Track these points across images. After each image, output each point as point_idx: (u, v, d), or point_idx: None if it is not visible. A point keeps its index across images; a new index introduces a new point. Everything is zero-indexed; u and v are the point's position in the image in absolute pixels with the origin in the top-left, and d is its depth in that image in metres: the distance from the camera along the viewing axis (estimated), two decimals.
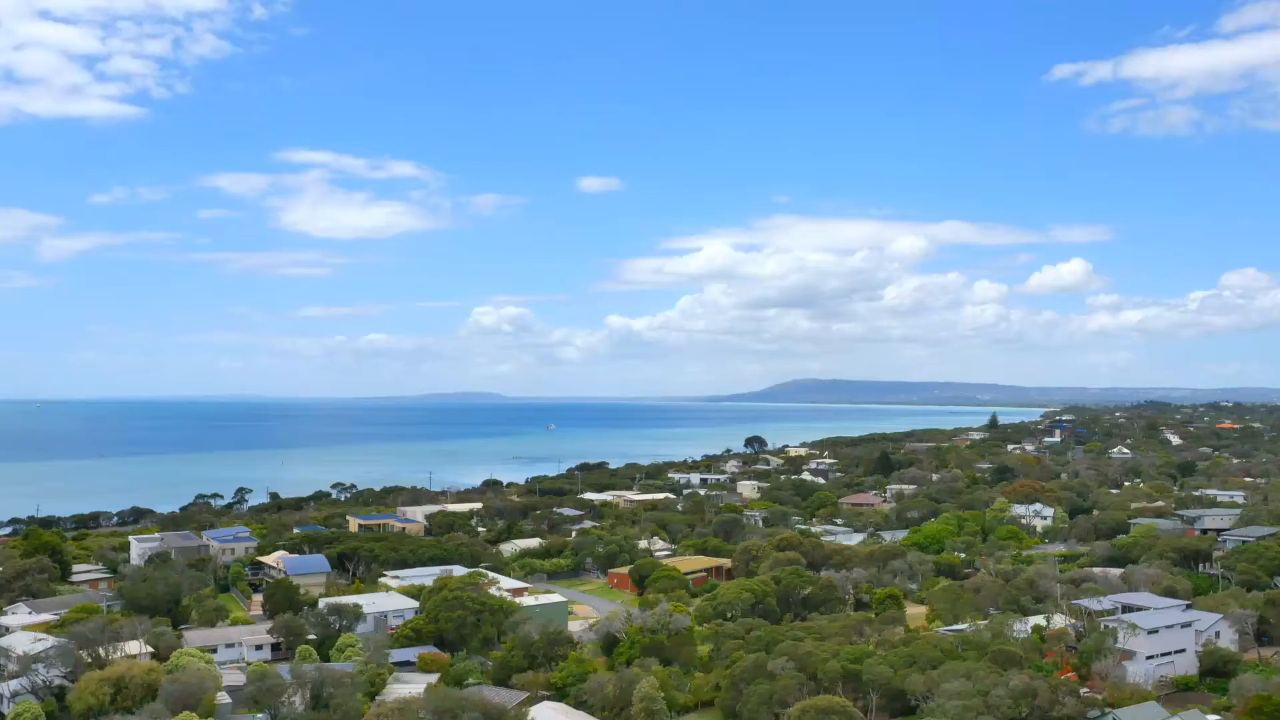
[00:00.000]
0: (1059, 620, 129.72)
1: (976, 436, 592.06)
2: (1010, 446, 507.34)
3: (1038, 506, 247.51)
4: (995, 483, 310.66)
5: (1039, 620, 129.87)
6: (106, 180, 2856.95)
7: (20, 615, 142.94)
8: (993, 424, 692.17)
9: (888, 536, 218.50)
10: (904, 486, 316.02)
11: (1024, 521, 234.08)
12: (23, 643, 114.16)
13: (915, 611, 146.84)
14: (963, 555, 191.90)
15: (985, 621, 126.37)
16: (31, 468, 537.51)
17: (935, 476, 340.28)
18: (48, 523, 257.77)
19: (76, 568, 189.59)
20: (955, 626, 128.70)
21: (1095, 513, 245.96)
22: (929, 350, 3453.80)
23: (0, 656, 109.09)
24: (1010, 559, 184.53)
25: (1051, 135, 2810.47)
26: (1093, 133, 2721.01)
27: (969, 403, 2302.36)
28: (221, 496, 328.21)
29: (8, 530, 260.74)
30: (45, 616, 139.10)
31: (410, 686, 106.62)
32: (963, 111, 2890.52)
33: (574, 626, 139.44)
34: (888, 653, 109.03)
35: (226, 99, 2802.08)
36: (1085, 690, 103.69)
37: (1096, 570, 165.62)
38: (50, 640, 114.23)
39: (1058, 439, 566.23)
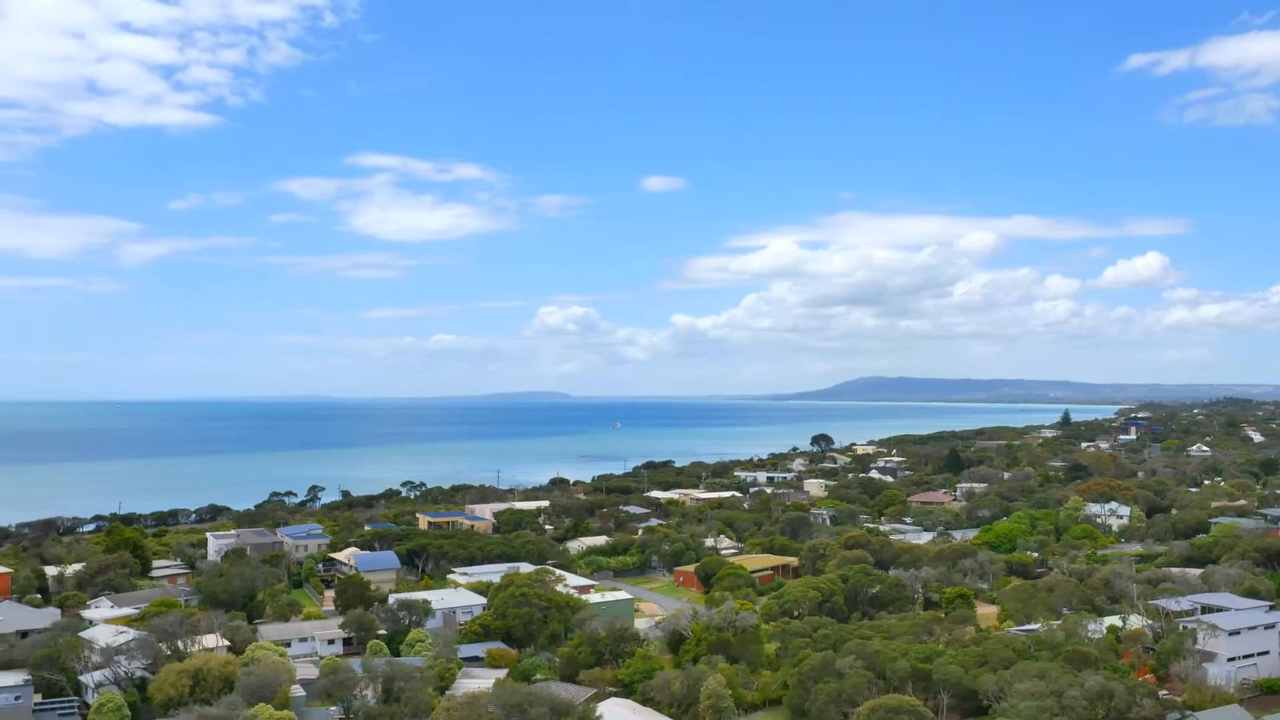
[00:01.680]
0: (1135, 621, 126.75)
1: (1049, 434, 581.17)
2: (1084, 444, 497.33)
3: (1113, 505, 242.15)
4: (1069, 481, 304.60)
5: (1115, 621, 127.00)
6: (183, 187, 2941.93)
7: (103, 609, 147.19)
8: (1065, 421, 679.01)
9: (958, 535, 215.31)
10: (974, 485, 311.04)
11: (1099, 520, 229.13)
12: (106, 635, 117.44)
13: (986, 611, 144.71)
14: (1035, 554, 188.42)
15: (1059, 621, 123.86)
16: (113, 466, 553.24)
17: (1006, 475, 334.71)
18: (129, 520, 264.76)
19: (156, 563, 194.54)
20: (1028, 626, 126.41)
21: (1173, 511, 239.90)
22: (999, 347, 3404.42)
23: (85, 648, 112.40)
24: (1085, 558, 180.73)
25: (1125, 126, 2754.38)
26: (1168, 123, 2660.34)
27: (1040, 400, 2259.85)
28: (295, 494, 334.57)
29: (91, 527, 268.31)
30: (127, 610, 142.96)
31: (479, 682, 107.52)
32: (1034, 104, 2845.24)
33: (640, 624, 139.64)
34: (958, 652, 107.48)
35: (298, 105, 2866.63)
36: (1163, 692, 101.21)
37: (1175, 570, 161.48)
38: (131, 633, 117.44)
39: (1133, 436, 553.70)
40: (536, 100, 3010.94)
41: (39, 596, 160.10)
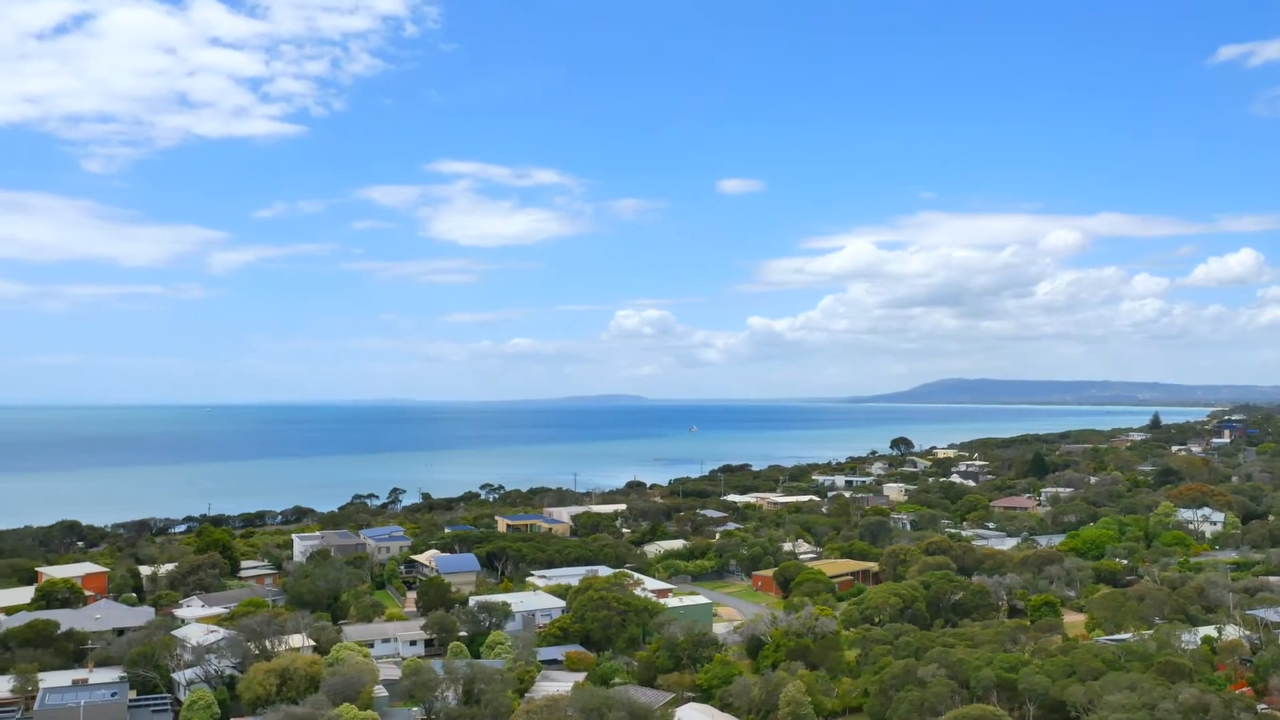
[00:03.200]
0: (1231, 631, 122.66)
1: (1137, 437, 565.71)
2: (1174, 448, 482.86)
3: (1206, 511, 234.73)
4: (1159, 486, 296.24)
5: (1209, 631, 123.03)
6: (269, 196, 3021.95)
7: (194, 608, 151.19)
8: (1155, 424, 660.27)
9: (1043, 541, 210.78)
10: (1059, 489, 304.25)
11: (1191, 527, 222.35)
12: (197, 634, 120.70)
13: (1073, 619, 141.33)
14: (1124, 561, 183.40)
15: (1150, 631, 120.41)
16: (203, 469, 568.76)
17: (1093, 479, 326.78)
18: (218, 521, 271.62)
19: (244, 564, 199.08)
20: (1117, 636, 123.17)
21: (1270, 518, 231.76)
22: (1084, 348, 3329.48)
23: (177, 647, 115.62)
24: (1177, 566, 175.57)
25: (1216, 120, 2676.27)
26: (1262, 116, 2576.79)
27: (1128, 402, 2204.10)
28: (377, 497, 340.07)
29: (183, 528, 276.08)
30: (216, 610, 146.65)
31: (558, 684, 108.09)
32: (1121, 98, 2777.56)
33: (718, 628, 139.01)
34: (1044, 661, 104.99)
35: (380, 115, 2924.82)
36: (1263, 706, 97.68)
37: (1273, 579, 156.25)
38: (221, 632, 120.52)
39: (1227, 440, 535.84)
40: (613, 105, 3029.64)
41: (134, 595, 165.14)
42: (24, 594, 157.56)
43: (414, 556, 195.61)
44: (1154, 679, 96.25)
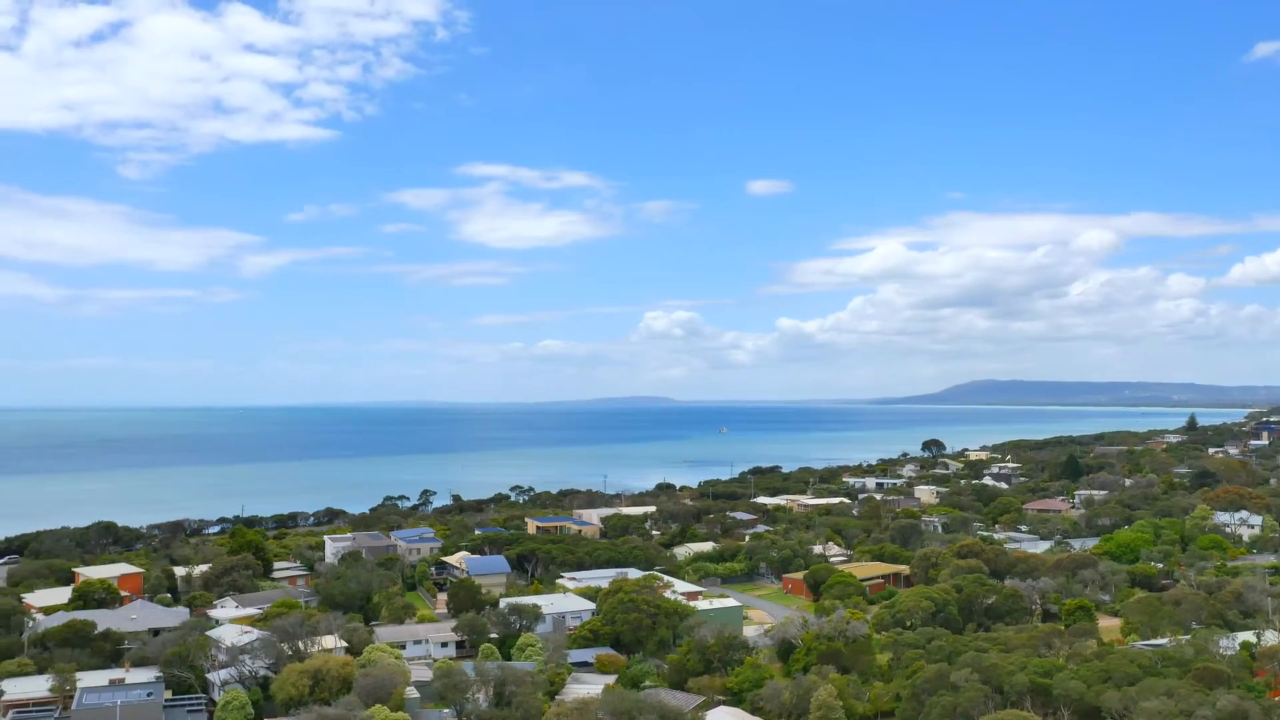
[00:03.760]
0: (1271, 637, 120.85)
1: (1173, 439, 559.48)
2: (1211, 450, 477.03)
3: (1244, 514, 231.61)
4: (1195, 488, 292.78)
5: (1248, 636, 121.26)
6: (301, 200, 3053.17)
7: (228, 609, 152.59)
8: (1191, 425, 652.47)
9: (1077, 544, 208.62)
10: (1094, 492, 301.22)
11: (1228, 530, 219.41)
12: (230, 635, 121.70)
13: (1108, 624, 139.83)
14: (1160, 565, 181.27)
15: (1187, 636, 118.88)
16: (236, 470, 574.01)
17: (1128, 481, 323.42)
18: (251, 522, 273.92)
19: (277, 565, 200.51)
20: (1153, 641, 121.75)
21: None
22: (1118, 349, 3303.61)
23: (212, 647, 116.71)
24: (1214, 570, 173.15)
25: (1253, 118, 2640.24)
26: None
27: (1163, 403, 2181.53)
28: (407, 498, 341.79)
29: (216, 529, 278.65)
30: (250, 610, 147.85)
31: (588, 687, 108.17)
32: (1155, 96, 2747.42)
33: (749, 631, 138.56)
34: (1080, 667, 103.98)
35: (410, 118, 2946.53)
36: None
37: None
38: (255, 633, 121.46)
39: (1265, 442, 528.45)
40: (642, 107, 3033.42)
41: (169, 596, 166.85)
42: (61, 594, 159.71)
43: (444, 558, 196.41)
44: (1191, 685, 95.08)
